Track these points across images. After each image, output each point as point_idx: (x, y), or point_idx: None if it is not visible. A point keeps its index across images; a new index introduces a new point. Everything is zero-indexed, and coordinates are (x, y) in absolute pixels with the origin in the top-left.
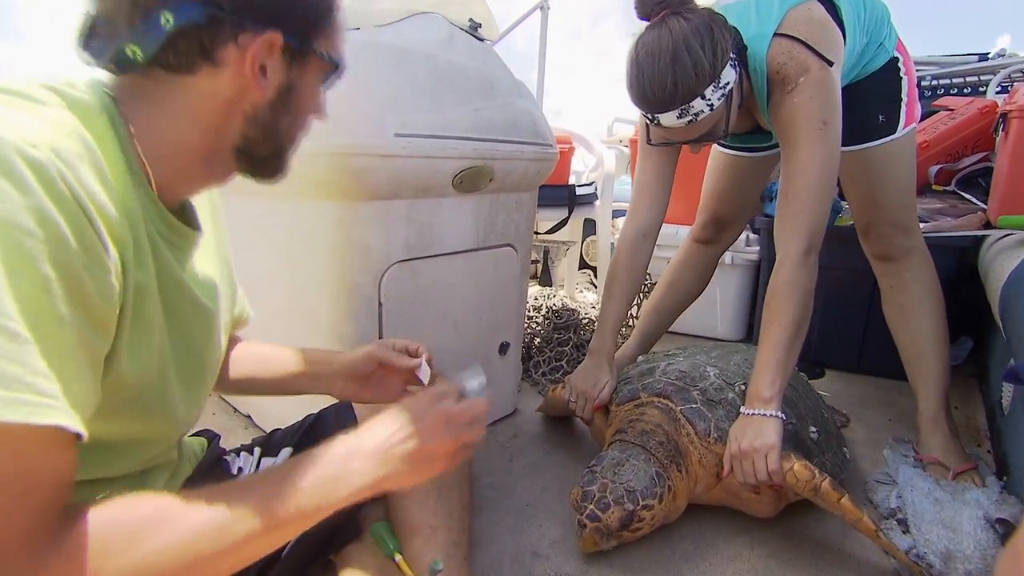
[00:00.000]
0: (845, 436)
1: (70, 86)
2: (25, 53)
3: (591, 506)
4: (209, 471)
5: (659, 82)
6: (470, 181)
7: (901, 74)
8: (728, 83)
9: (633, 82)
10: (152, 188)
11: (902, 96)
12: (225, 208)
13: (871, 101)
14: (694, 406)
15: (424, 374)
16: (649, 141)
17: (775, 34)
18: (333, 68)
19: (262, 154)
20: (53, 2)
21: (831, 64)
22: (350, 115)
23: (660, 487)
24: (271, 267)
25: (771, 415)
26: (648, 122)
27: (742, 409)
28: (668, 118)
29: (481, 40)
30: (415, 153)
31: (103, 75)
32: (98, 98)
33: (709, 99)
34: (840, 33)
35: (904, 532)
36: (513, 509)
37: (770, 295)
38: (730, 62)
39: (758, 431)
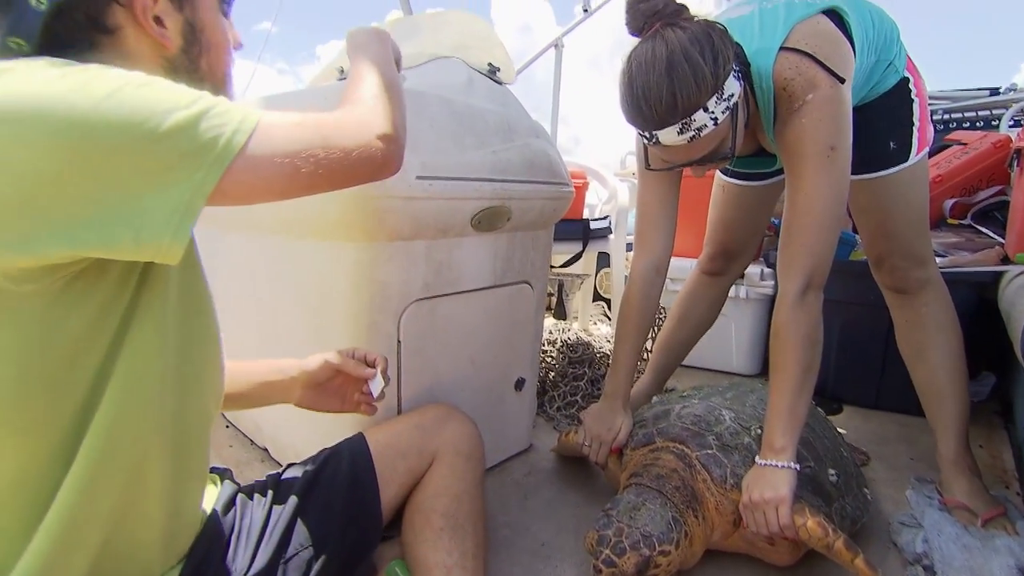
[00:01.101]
0: (865, 475)
1: None
2: None
3: (607, 551)
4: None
5: (655, 94)
6: (488, 221)
7: (912, 96)
8: (733, 95)
9: (627, 98)
10: None
11: (914, 120)
12: (246, 244)
13: (881, 126)
14: (710, 452)
15: (376, 386)
16: (648, 166)
17: (782, 48)
18: None
19: None
20: None
21: (842, 81)
22: None
23: (677, 532)
24: (291, 304)
25: (783, 466)
26: (646, 143)
27: (756, 458)
28: (668, 135)
29: (500, 84)
30: (436, 195)
31: None
32: None
33: (712, 112)
34: (851, 48)
35: None
36: (528, 549)
37: (772, 336)
38: (733, 73)
39: (769, 483)
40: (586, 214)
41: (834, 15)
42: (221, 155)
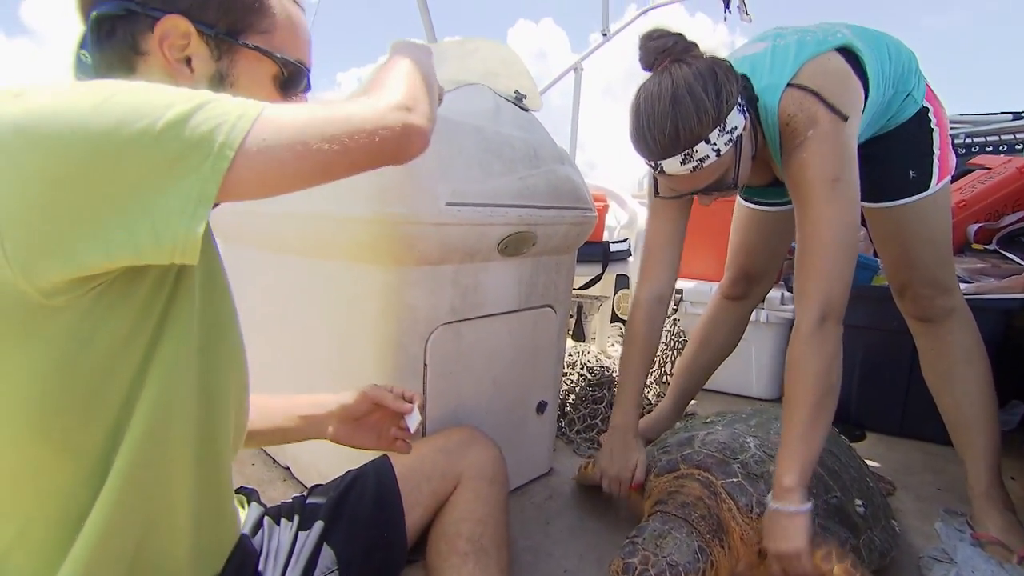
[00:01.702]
0: (892, 506)
1: None
2: (35, 49)
3: None
4: (253, 534)
5: (659, 126)
6: (514, 246)
7: (932, 125)
8: (736, 128)
9: (634, 129)
10: None
11: (934, 149)
12: (276, 264)
13: (901, 155)
14: (735, 480)
15: (413, 421)
16: (657, 193)
17: (789, 85)
18: (283, 68)
19: None
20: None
21: (845, 119)
22: (403, 184)
23: (703, 562)
24: (319, 325)
25: (795, 511)
26: (653, 172)
27: (768, 499)
28: (671, 164)
29: (526, 111)
30: (464, 221)
31: None
32: None
33: (715, 144)
34: (860, 85)
35: None
36: (551, 575)
37: (787, 369)
38: (737, 107)
39: (784, 533)
40: (605, 236)
41: (847, 52)
42: (225, 143)
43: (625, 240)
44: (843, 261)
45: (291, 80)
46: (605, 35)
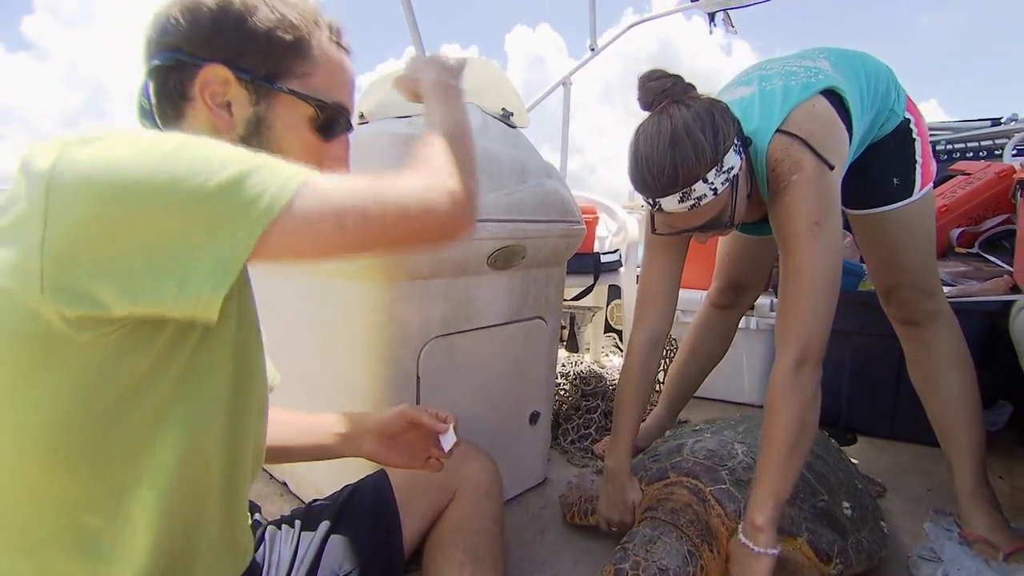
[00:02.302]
0: (881, 507)
1: None
2: (35, 64)
3: None
4: (256, 548)
5: (658, 166)
6: (504, 259)
7: (914, 135)
8: (732, 168)
9: (633, 168)
10: None
11: (916, 158)
12: (271, 282)
13: (884, 164)
14: (723, 487)
15: (448, 441)
16: (654, 230)
17: (777, 131)
18: (321, 110)
19: None
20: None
21: (832, 167)
22: None
23: (692, 566)
24: (314, 341)
25: (761, 553)
26: (651, 209)
27: (739, 532)
28: (670, 203)
29: (513, 127)
30: None
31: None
32: None
33: (712, 183)
34: (845, 128)
35: None
36: None
37: (765, 406)
38: (734, 148)
39: (748, 570)
40: (596, 247)
41: (831, 94)
42: (264, 212)
43: (616, 251)
44: (823, 305)
45: (328, 123)
46: (593, 50)
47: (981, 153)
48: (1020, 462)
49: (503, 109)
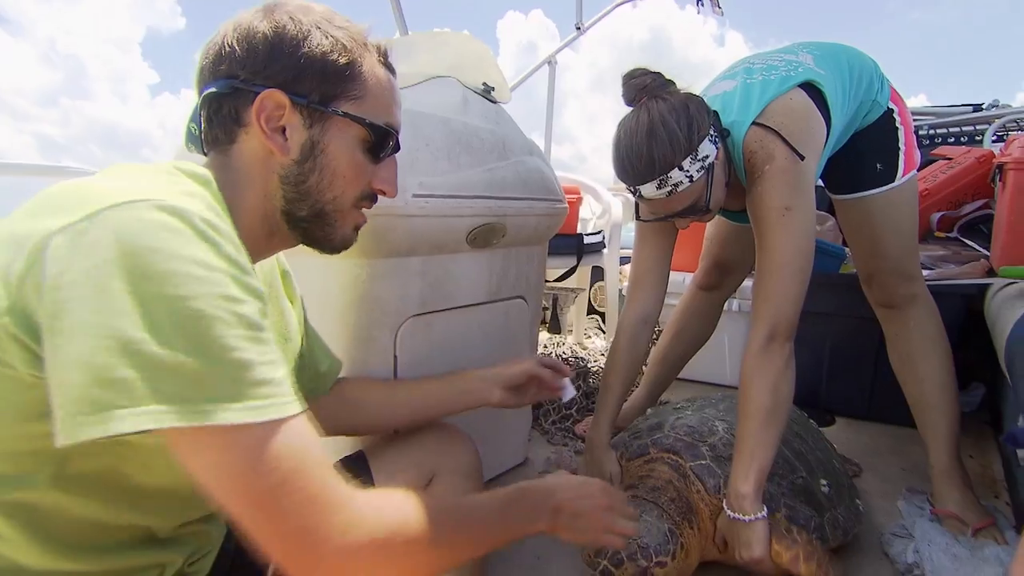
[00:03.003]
0: (857, 487)
1: (186, 167)
2: (11, 40)
3: (604, 562)
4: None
5: (637, 155)
6: (483, 237)
7: (897, 124)
8: (707, 156)
9: (615, 159)
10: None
11: (899, 145)
12: None
13: (868, 151)
14: (703, 462)
15: (568, 394)
16: (638, 217)
17: (753, 123)
18: (372, 132)
19: (302, 215)
20: None
21: (803, 158)
22: None
23: (673, 544)
24: None
25: (752, 519)
26: (634, 197)
27: (724, 505)
28: (648, 189)
29: (494, 103)
30: (432, 213)
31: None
32: (203, 174)
33: (687, 170)
34: (822, 120)
35: None
36: (524, 563)
37: (740, 383)
38: (709, 138)
39: (743, 541)
40: (580, 228)
41: (810, 87)
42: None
43: (599, 232)
44: (793, 285)
45: (379, 144)
46: (579, 28)
47: (963, 138)
48: (990, 442)
49: (484, 84)
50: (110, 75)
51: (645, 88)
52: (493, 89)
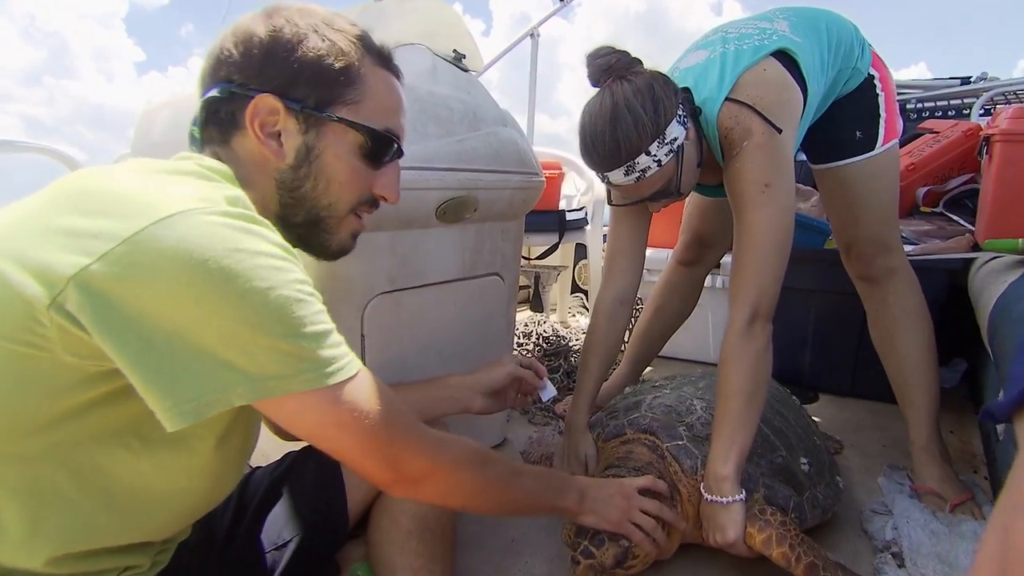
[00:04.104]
0: (839, 463)
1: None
2: None
3: (585, 542)
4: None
5: (602, 142)
6: (454, 211)
7: (878, 90)
8: (676, 139)
9: (581, 144)
10: None
11: (880, 112)
12: None
13: (847, 118)
14: (680, 443)
15: (547, 393)
16: (611, 201)
17: (727, 99)
18: (370, 138)
19: (296, 221)
20: None
21: (780, 131)
22: None
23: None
24: None
25: (729, 502)
26: (603, 182)
27: (701, 488)
28: (616, 176)
29: (466, 71)
30: None
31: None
32: (227, 170)
33: (655, 155)
34: (798, 90)
35: (899, 566)
36: (499, 546)
37: (719, 364)
38: (676, 119)
39: (719, 525)
40: (563, 205)
41: (783, 55)
42: (332, 373)
43: (582, 208)
44: (774, 263)
45: (378, 150)
46: (561, 0)
47: (950, 112)
48: (970, 417)
49: (455, 51)
50: (94, 52)
51: (610, 69)
52: (464, 57)
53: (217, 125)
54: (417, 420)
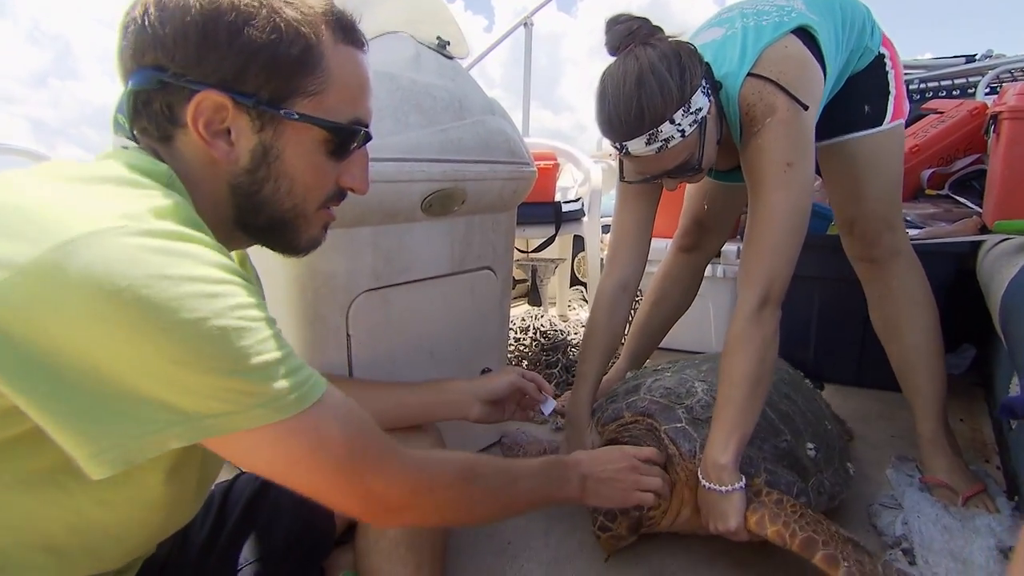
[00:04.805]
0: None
1: (138, 164)
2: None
3: (601, 517)
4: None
5: (625, 107)
6: (440, 204)
7: (888, 68)
8: (700, 109)
9: (600, 111)
10: None
11: (889, 89)
12: None
13: (858, 94)
14: (678, 425)
15: (548, 407)
16: (622, 178)
17: (749, 74)
18: (335, 133)
19: (259, 224)
20: None
21: (805, 107)
22: None
23: (664, 486)
24: None
25: (728, 490)
26: (620, 154)
27: (699, 474)
28: (637, 145)
29: (450, 58)
30: (378, 178)
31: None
32: (163, 171)
33: (679, 124)
34: (819, 68)
35: (910, 563)
36: (493, 549)
37: (725, 346)
38: (701, 89)
39: (721, 513)
40: (559, 197)
41: (803, 33)
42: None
43: (578, 199)
44: (789, 246)
45: (344, 143)
46: None
47: (954, 92)
48: (980, 404)
49: (438, 38)
50: (99, 55)
51: (632, 34)
52: (448, 44)
53: (151, 120)
54: (393, 443)
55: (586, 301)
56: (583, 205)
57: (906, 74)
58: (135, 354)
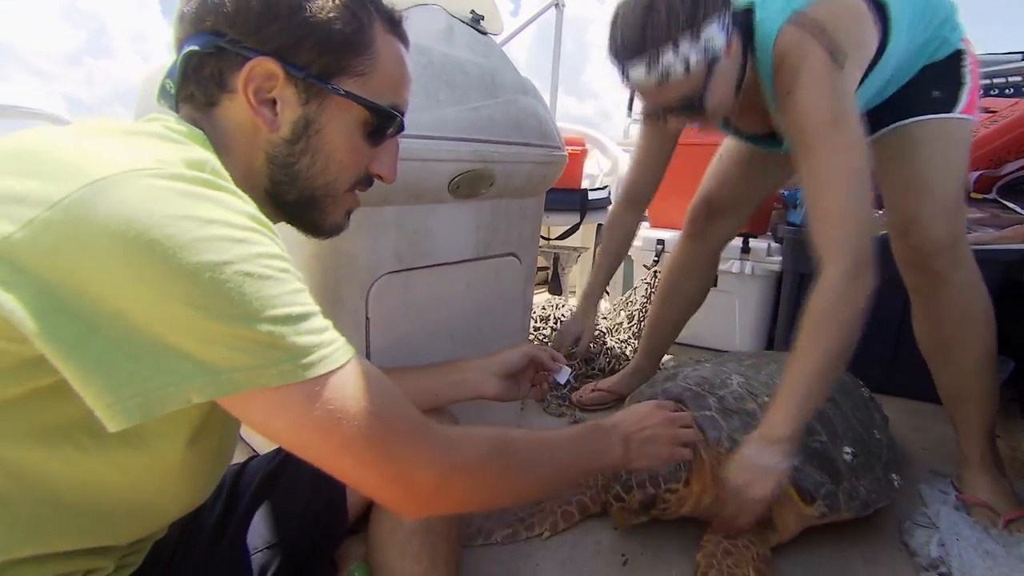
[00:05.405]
0: None
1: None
2: None
3: (618, 487)
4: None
5: (630, 26)
6: (468, 185)
7: (965, 63)
8: (711, 42)
9: (609, 35)
10: None
11: (965, 80)
12: None
13: (926, 81)
14: (708, 413)
15: (563, 375)
16: (630, 113)
17: (791, 21)
18: (376, 116)
19: (289, 199)
20: None
21: (842, 65)
22: None
23: (685, 471)
24: None
25: (777, 465)
26: (624, 83)
27: (754, 435)
28: (637, 73)
29: (484, 33)
30: (405, 155)
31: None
32: (198, 133)
33: (684, 53)
34: (876, 32)
35: None
36: (509, 547)
37: (805, 316)
38: (718, 22)
39: (759, 480)
40: (586, 184)
41: None
42: (300, 367)
43: (605, 187)
44: (860, 204)
45: (381, 128)
46: None
47: (1008, 90)
48: (1018, 421)
49: (472, 11)
50: (131, 34)
51: None
52: (483, 18)
53: (199, 84)
54: (425, 419)
55: (607, 292)
56: (609, 194)
57: None
58: (158, 297)
